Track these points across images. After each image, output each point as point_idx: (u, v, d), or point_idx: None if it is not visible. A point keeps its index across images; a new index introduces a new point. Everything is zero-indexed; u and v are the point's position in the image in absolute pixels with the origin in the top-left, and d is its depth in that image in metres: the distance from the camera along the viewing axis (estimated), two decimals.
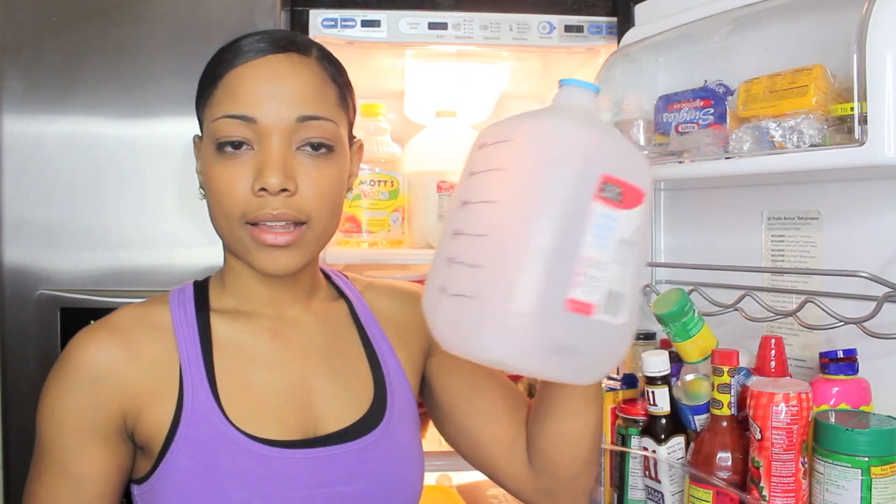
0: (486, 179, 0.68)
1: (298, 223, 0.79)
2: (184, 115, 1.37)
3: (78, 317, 1.34)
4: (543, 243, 0.63)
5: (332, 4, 1.46)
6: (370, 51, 1.58)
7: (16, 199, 1.35)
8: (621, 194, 0.65)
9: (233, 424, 0.79)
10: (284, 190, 0.77)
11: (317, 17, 1.46)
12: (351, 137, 0.88)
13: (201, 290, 0.87)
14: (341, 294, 0.94)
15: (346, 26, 1.46)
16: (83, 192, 1.37)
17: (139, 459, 0.82)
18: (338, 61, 0.86)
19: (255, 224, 0.78)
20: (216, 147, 0.79)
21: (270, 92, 0.78)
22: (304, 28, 1.45)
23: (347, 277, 0.97)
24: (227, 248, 0.85)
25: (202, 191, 0.85)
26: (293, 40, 0.82)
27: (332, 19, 1.46)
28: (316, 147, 0.79)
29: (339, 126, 0.82)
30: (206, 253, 1.37)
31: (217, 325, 0.84)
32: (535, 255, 0.63)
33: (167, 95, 1.37)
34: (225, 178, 0.78)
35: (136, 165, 1.37)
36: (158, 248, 1.37)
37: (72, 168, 1.36)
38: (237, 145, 0.78)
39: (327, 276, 0.96)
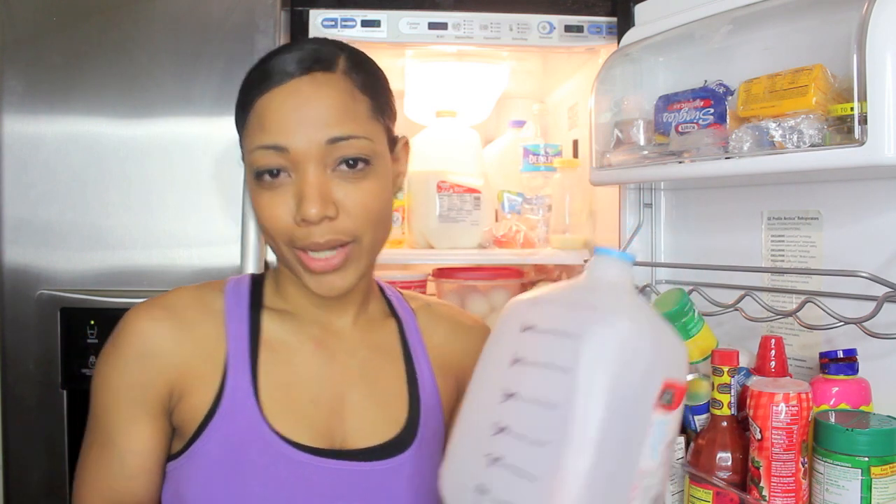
0: (543, 377, 0.62)
1: (344, 244, 0.79)
2: (183, 115, 1.37)
3: (78, 317, 1.34)
4: (610, 464, 0.60)
5: (332, 4, 1.46)
6: (370, 51, 1.56)
7: (16, 199, 1.35)
8: (674, 396, 0.63)
9: (267, 422, 0.80)
10: (326, 217, 0.77)
11: (317, 17, 1.46)
12: (394, 139, 0.86)
13: (257, 285, 0.88)
14: (393, 312, 0.93)
15: (346, 26, 1.46)
16: (83, 191, 1.37)
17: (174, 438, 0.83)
18: (370, 66, 0.84)
19: (301, 249, 0.78)
20: (255, 175, 0.79)
21: (296, 119, 0.76)
22: (304, 28, 1.45)
23: (403, 295, 0.96)
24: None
25: None
26: (318, 57, 0.79)
27: (332, 19, 1.46)
28: (352, 164, 0.78)
29: (371, 140, 0.79)
30: (205, 253, 1.37)
31: (267, 322, 0.85)
32: (601, 475, 0.59)
33: (167, 95, 1.36)
34: (266, 207, 0.78)
35: (136, 165, 1.37)
36: (158, 248, 1.37)
37: (72, 168, 1.36)
38: (275, 173, 0.77)
39: (382, 291, 0.95)
